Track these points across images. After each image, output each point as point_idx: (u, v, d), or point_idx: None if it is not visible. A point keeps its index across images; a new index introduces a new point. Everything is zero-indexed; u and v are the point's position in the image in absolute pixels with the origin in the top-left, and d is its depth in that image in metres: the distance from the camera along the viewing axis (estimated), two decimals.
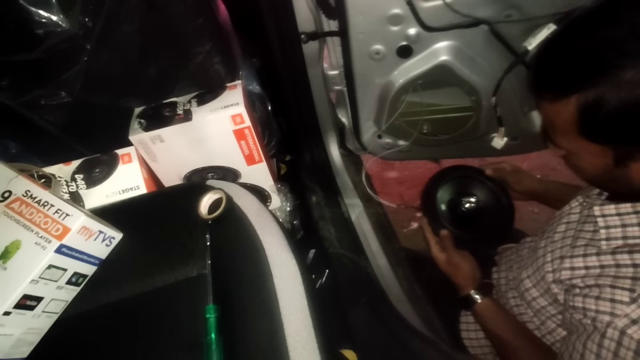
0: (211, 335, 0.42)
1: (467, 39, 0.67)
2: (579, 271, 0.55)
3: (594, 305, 0.51)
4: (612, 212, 0.54)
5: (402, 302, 0.79)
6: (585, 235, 0.58)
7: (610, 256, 0.52)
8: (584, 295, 0.53)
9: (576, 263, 0.56)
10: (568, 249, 0.60)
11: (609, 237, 0.53)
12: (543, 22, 0.63)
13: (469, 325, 0.79)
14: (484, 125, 0.81)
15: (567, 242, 0.61)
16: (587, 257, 0.55)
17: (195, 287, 0.47)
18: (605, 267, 0.52)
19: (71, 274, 0.48)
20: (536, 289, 0.64)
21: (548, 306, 0.62)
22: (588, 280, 0.53)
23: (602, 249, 0.54)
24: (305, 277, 0.46)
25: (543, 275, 0.62)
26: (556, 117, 0.48)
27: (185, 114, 0.67)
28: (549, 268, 0.61)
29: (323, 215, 0.89)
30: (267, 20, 0.70)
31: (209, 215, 0.52)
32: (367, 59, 0.72)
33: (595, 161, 0.49)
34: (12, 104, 0.60)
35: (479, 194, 0.82)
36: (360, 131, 0.89)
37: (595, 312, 0.50)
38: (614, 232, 0.53)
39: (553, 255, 0.62)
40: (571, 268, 0.57)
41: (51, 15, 0.50)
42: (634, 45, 0.41)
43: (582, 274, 0.55)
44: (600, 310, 0.50)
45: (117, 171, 0.66)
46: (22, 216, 0.46)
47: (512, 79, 0.70)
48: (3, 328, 0.42)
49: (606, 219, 0.54)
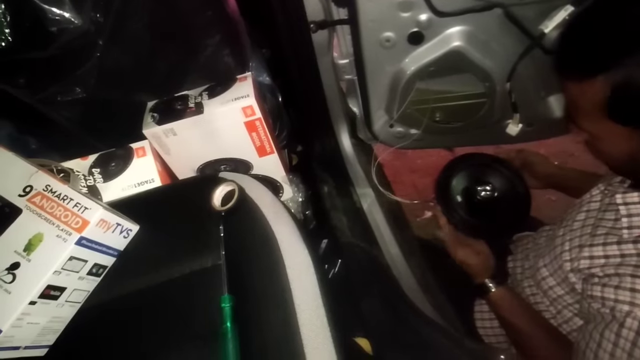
0: (227, 324, 0.43)
1: (480, 24, 0.66)
2: (599, 260, 0.54)
3: (613, 295, 0.50)
4: (635, 200, 0.53)
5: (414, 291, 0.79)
6: (606, 224, 0.57)
7: (632, 245, 0.51)
8: (602, 284, 0.52)
9: (595, 252, 0.55)
10: (587, 238, 0.58)
11: (631, 226, 0.52)
12: (560, 4, 0.61)
13: (483, 314, 0.78)
14: (498, 112, 0.79)
15: (586, 230, 0.60)
16: (607, 246, 0.54)
17: (210, 277, 0.48)
18: (627, 256, 0.51)
19: (91, 265, 0.49)
20: (553, 277, 0.63)
21: (565, 295, 0.61)
22: (608, 269, 0.52)
23: (624, 237, 0.52)
24: (318, 267, 0.46)
25: (561, 264, 0.61)
26: (581, 98, 0.47)
27: (196, 107, 0.67)
28: (567, 257, 0.60)
29: (335, 205, 0.89)
30: (275, 10, 0.70)
31: (222, 207, 0.53)
32: (378, 47, 0.71)
33: (621, 145, 0.47)
34: (30, 101, 0.61)
35: (495, 182, 0.80)
36: (372, 120, 0.88)
37: (614, 302, 0.49)
38: (636, 221, 0.52)
39: (572, 244, 0.61)
40: (590, 257, 0.56)
41: (64, 13, 0.51)
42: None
43: (601, 262, 0.54)
44: (620, 299, 0.49)
45: (132, 165, 0.67)
46: (44, 210, 0.48)
47: (527, 63, 0.68)
48: (29, 317, 0.44)
49: (629, 207, 0.53)
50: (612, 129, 0.46)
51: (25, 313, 0.44)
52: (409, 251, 0.88)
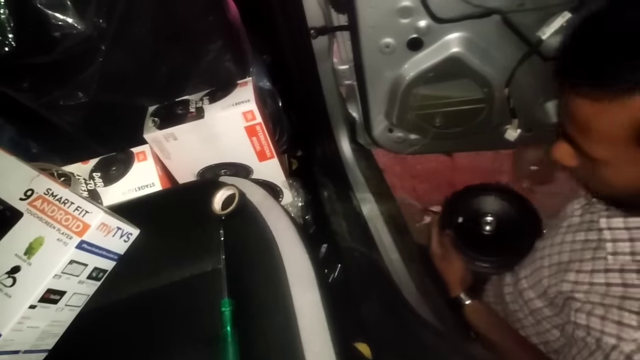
0: (227, 328, 0.43)
1: (479, 30, 0.66)
2: (582, 286, 0.52)
3: (600, 325, 0.48)
4: (620, 226, 0.50)
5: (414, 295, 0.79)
6: (590, 245, 0.54)
7: (618, 274, 0.49)
8: (587, 312, 0.50)
9: (581, 278, 0.53)
10: (570, 256, 0.57)
11: (616, 252, 0.50)
12: (558, 11, 0.61)
13: None
14: (497, 117, 0.79)
15: (565, 248, 0.58)
16: (594, 274, 0.52)
17: (210, 281, 0.48)
18: (612, 285, 0.49)
19: (92, 269, 0.49)
20: (533, 290, 0.63)
21: (544, 308, 0.61)
22: (592, 297, 0.50)
23: (609, 263, 0.50)
24: (318, 272, 0.46)
25: (540, 278, 0.61)
26: (601, 119, 0.39)
27: (197, 111, 0.68)
28: (546, 273, 0.60)
29: (335, 210, 0.89)
30: (276, 16, 0.70)
31: (222, 211, 0.53)
32: (377, 53, 0.72)
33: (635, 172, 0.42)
34: (33, 105, 0.62)
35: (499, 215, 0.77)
36: (371, 125, 0.89)
37: (600, 333, 0.47)
38: (621, 247, 0.50)
39: (551, 261, 0.60)
40: (575, 282, 0.54)
41: (67, 18, 0.52)
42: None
43: (584, 289, 0.52)
44: (606, 331, 0.47)
45: (133, 169, 0.68)
46: (45, 213, 0.48)
47: (526, 69, 0.69)
48: (29, 320, 0.44)
49: (613, 232, 0.51)
50: (633, 155, 0.40)
51: (25, 317, 0.44)
52: (409, 256, 0.88)
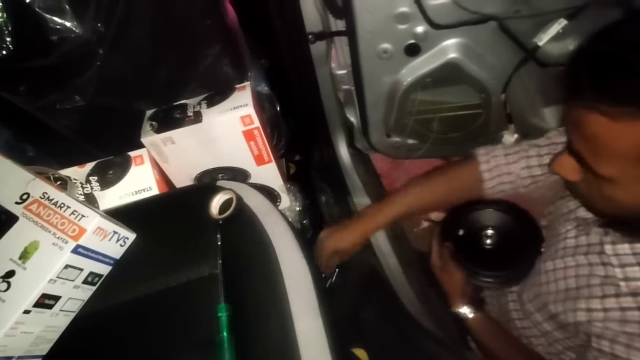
0: (223, 333, 0.42)
1: (476, 36, 0.67)
2: (597, 313, 0.51)
3: (625, 354, 0.47)
4: (627, 252, 0.50)
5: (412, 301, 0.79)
6: (597, 271, 0.53)
7: (631, 298, 0.48)
8: (610, 339, 0.49)
9: (593, 305, 0.52)
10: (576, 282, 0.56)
11: (628, 277, 0.49)
12: (553, 17, 0.62)
13: None
14: (494, 123, 0.80)
15: (570, 273, 0.57)
16: (605, 299, 0.51)
17: (207, 286, 0.47)
18: (627, 309, 0.48)
19: (87, 273, 0.49)
20: (540, 314, 0.61)
21: (554, 332, 0.60)
22: (611, 324, 0.49)
23: (622, 290, 0.49)
24: (316, 277, 0.46)
25: (545, 303, 0.59)
26: (618, 138, 0.38)
27: (195, 115, 0.68)
28: (552, 299, 0.58)
29: (332, 214, 0.89)
30: (274, 21, 0.71)
31: (219, 215, 0.53)
32: (375, 58, 0.72)
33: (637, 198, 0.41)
34: (29, 109, 0.62)
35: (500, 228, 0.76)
36: (369, 130, 0.89)
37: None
38: (631, 272, 0.49)
39: (557, 287, 0.58)
40: (588, 309, 0.52)
41: (65, 22, 0.52)
42: None
43: (600, 316, 0.51)
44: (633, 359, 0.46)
45: (130, 173, 0.67)
46: (40, 217, 0.47)
47: (522, 75, 0.69)
48: (23, 326, 0.43)
49: (620, 258, 0.50)
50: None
51: (19, 322, 0.43)
52: (407, 262, 0.88)
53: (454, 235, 0.75)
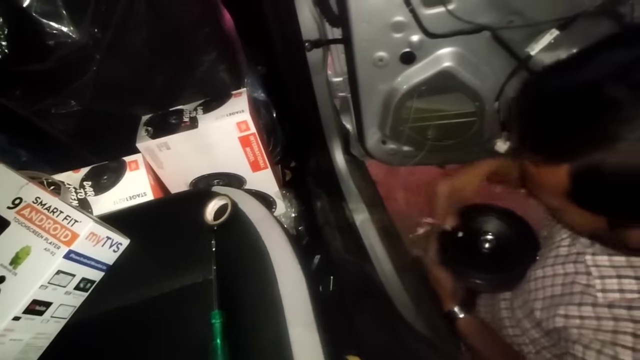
0: (217, 340, 0.42)
1: (470, 45, 0.68)
2: (574, 320, 0.53)
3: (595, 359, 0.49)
4: (605, 264, 0.52)
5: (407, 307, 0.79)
6: (580, 280, 0.55)
7: (607, 309, 0.50)
8: (584, 345, 0.50)
9: (571, 311, 0.54)
10: (561, 289, 0.57)
11: (605, 289, 0.51)
12: (545, 28, 0.63)
13: None
14: (487, 130, 0.81)
15: (557, 281, 0.59)
16: (582, 307, 0.53)
17: (201, 292, 0.47)
18: (602, 319, 0.50)
19: (79, 279, 0.48)
20: (527, 320, 0.63)
21: (541, 339, 0.61)
22: (585, 331, 0.51)
23: (599, 301, 0.51)
24: (310, 283, 0.46)
25: (532, 309, 0.61)
26: (543, 179, 0.44)
27: (191, 121, 0.68)
28: (539, 305, 0.60)
29: (328, 220, 0.89)
30: (271, 29, 0.71)
31: (214, 221, 0.53)
32: (371, 66, 0.73)
33: (587, 222, 0.46)
34: (24, 113, 0.61)
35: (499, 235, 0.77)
36: (365, 137, 0.90)
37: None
38: (609, 284, 0.51)
39: (544, 293, 0.60)
40: (565, 315, 0.54)
41: (62, 27, 0.52)
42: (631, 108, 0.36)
43: (576, 323, 0.53)
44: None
45: (125, 178, 0.67)
46: (32, 222, 0.47)
47: (515, 84, 0.70)
48: (12, 333, 0.43)
49: (600, 270, 0.52)
50: (577, 210, 0.44)
51: (9, 329, 0.42)
52: (402, 268, 0.88)
53: (452, 237, 0.76)
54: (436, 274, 0.73)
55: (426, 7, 0.63)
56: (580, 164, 0.40)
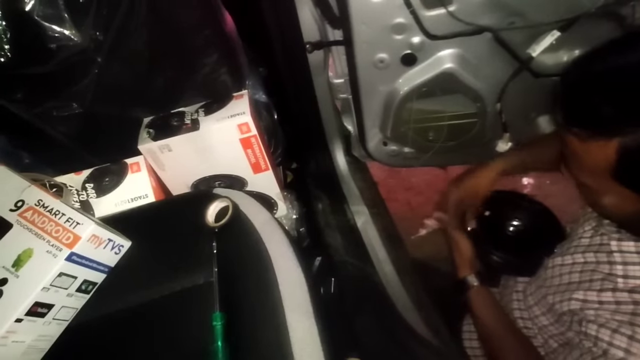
0: (218, 342, 0.42)
1: (471, 47, 0.68)
2: (592, 304, 0.53)
3: (608, 337, 0.48)
4: (631, 250, 0.51)
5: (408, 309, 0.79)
6: (602, 268, 0.55)
7: (627, 294, 0.50)
8: (599, 324, 0.50)
9: (590, 296, 0.54)
10: (580, 276, 0.57)
11: (627, 275, 0.51)
12: (547, 29, 0.63)
13: (472, 334, 0.78)
14: (489, 132, 0.80)
15: (576, 268, 0.59)
16: (602, 292, 0.53)
17: (202, 294, 0.47)
18: (622, 303, 0.50)
19: (81, 281, 0.48)
20: (538, 307, 0.63)
21: (549, 326, 0.61)
22: (603, 313, 0.51)
23: (619, 286, 0.51)
24: (311, 285, 0.46)
25: (544, 295, 0.61)
26: (587, 155, 0.44)
27: (192, 123, 0.68)
28: (553, 291, 0.60)
29: (329, 222, 0.89)
30: (272, 31, 0.71)
31: (215, 223, 0.53)
32: (372, 68, 0.73)
33: (624, 205, 0.45)
34: (26, 116, 0.62)
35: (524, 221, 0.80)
36: (366, 138, 0.90)
37: (607, 344, 0.48)
38: (632, 270, 0.51)
39: (561, 280, 0.60)
40: (584, 300, 0.54)
41: (64, 30, 0.52)
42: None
43: (594, 306, 0.53)
44: (615, 344, 0.48)
45: (126, 180, 0.67)
46: (35, 225, 0.47)
47: (516, 85, 0.70)
48: (15, 335, 0.43)
49: (624, 255, 0.52)
50: (618, 189, 0.44)
51: (11, 331, 0.42)
52: (403, 270, 0.87)
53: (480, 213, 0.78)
54: (457, 239, 0.72)
55: (427, 8, 0.63)
56: (630, 139, 0.39)
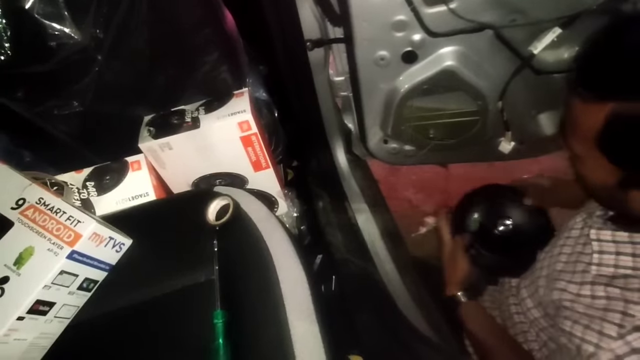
0: (219, 340, 0.42)
1: (472, 44, 0.67)
2: (569, 294, 0.54)
3: (580, 333, 0.50)
4: (607, 238, 0.53)
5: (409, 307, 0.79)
6: (584, 259, 0.56)
7: (602, 287, 0.51)
8: (573, 320, 0.52)
9: (570, 288, 0.55)
10: (563, 267, 0.59)
11: (601, 263, 0.52)
12: (548, 26, 0.63)
13: None
14: (490, 130, 0.80)
15: (562, 258, 0.60)
16: (582, 286, 0.54)
17: (203, 292, 0.47)
18: (596, 298, 0.51)
19: (82, 279, 0.49)
20: (531, 299, 0.64)
21: (540, 318, 0.62)
22: (577, 306, 0.52)
23: (594, 275, 0.52)
24: (312, 283, 0.46)
25: (536, 287, 0.62)
26: (582, 118, 0.46)
27: (193, 121, 0.68)
28: (543, 283, 0.61)
29: (330, 220, 0.89)
30: (273, 29, 0.71)
31: (216, 221, 0.53)
32: (373, 65, 0.73)
33: (600, 175, 0.47)
34: (27, 114, 0.62)
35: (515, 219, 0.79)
36: (367, 136, 0.89)
37: (580, 340, 0.49)
38: (606, 259, 0.52)
39: (548, 270, 0.61)
40: (563, 290, 0.56)
41: (64, 28, 0.52)
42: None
43: (571, 298, 0.54)
44: (586, 339, 0.49)
45: (127, 178, 0.67)
46: (36, 223, 0.47)
47: (518, 83, 0.70)
48: (16, 333, 0.43)
49: (601, 244, 0.53)
50: (598, 158, 0.45)
51: (13, 329, 0.43)
52: (404, 268, 0.87)
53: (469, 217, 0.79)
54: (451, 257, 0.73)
55: (428, 5, 0.63)
56: (623, 106, 0.41)
